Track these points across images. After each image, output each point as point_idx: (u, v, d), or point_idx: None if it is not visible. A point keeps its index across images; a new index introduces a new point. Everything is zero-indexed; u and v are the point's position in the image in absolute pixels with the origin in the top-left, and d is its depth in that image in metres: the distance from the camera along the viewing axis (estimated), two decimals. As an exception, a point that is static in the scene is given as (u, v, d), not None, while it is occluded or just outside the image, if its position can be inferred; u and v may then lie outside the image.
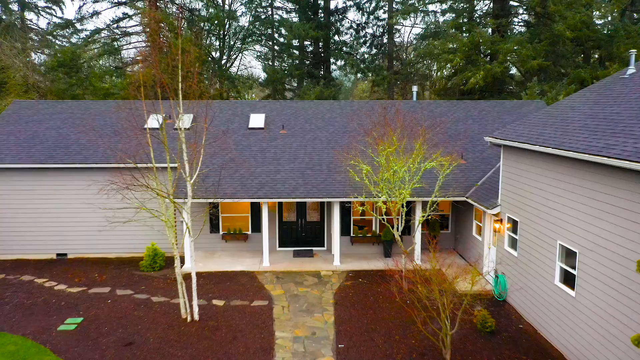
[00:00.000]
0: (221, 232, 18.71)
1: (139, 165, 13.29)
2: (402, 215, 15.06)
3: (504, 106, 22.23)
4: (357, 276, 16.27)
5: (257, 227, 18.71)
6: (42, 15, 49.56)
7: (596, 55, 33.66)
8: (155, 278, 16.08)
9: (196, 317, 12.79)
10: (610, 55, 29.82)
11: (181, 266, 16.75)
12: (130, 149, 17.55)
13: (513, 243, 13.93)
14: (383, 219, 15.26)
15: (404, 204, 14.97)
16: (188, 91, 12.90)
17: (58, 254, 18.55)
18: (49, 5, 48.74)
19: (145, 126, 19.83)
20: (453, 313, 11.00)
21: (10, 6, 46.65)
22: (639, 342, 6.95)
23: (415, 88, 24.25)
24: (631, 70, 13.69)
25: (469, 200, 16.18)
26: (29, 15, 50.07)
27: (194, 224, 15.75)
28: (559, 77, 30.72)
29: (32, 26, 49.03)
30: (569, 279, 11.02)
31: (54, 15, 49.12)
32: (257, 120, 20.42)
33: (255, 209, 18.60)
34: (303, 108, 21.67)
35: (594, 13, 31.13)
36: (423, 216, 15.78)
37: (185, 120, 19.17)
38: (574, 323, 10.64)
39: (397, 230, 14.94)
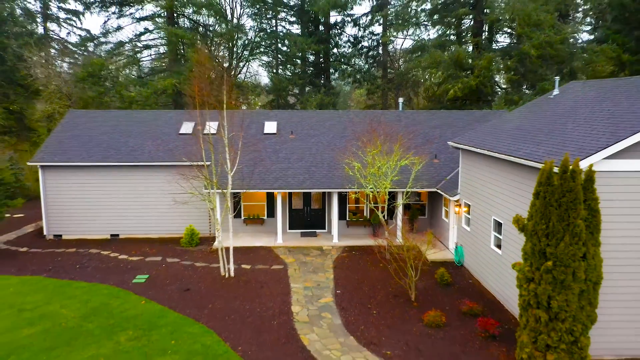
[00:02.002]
0: (242, 217, 23.29)
1: (180, 163, 17.83)
2: (386, 202, 19.62)
3: (473, 115, 26.85)
4: (351, 250, 20.84)
5: (271, 213, 23.27)
6: (63, 26, 53.90)
7: (565, 70, 38.36)
8: (194, 251, 20.64)
9: (232, 274, 17.38)
10: (573, 70, 34.47)
11: (213, 243, 21.41)
12: (171, 150, 22.25)
13: (468, 222, 18.51)
14: (374, 205, 19.79)
15: (388, 193, 19.52)
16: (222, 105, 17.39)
17: (111, 234, 23.09)
18: (70, 16, 53.18)
19: (181, 132, 24.52)
20: (418, 267, 15.55)
21: (36, 18, 51.02)
22: (514, 266, 11.52)
23: (401, 99, 28.85)
24: (555, 92, 18.34)
25: (439, 191, 20.78)
26: (51, 26, 54.35)
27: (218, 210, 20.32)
28: (532, 87, 35.35)
29: (54, 36, 53.43)
30: (498, 243, 15.61)
31: (74, 26, 53.53)
32: (270, 126, 25.02)
33: (270, 198, 23.15)
34: (308, 117, 26.30)
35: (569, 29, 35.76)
36: (403, 202, 20.32)
37: (213, 127, 23.70)
38: (500, 273, 15.23)
39: (382, 212, 19.49)
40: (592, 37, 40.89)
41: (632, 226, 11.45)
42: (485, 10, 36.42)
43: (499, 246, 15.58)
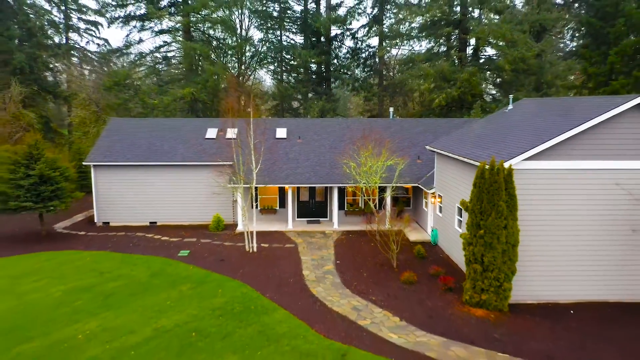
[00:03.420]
0: (258, 208, 28.10)
1: (206, 163, 22.58)
2: (377, 195, 24.42)
3: (452, 122, 31.66)
4: (349, 233, 25.66)
5: (282, 204, 28.07)
6: (83, 36, 58.59)
7: (542, 80, 43.21)
8: (221, 235, 25.43)
9: (255, 250, 22.20)
10: (546, 82, 39.30)
11: (236, 228, 26.19)
12: (199, 152, 27.00)
13: (440, 209, 23.31)
14: (367, 198, 24.56)
15: (378, 188, 24.30)
16: (245, 116, 22.20)
17: (150, 222, 27.89)
18: (89, 27, 57.89)
19: (206, 136, 29.28)
20: (398, 243, 20.30)
21: (60, 30, 55.67)
22: (461, 235, 16.29)
23: (391, 109, 33.68)
24: (510, 107, 23.14)
25: (419, 185, 25.59)
26: (72, 36, 59.00)
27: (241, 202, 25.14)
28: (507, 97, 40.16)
29: (77, 45, 58.15)
30: (460, 225, 20.39)
31: (94, 36, 58.23)
32: (281, 132, 29.85)
33: (281, 192, 27.95)
34: (313, 124, 31.14)
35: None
36: (391, 194, 25.10)
37: (234, 132, 28.52)
38: (460, 246, 19.98)
39: (373, 203, 24.27)
40: (569, 49, 45.79)
41: (542, 207, 16.23)
42: (469, 28, 41.26)
43: (460, 226, 20.37)
